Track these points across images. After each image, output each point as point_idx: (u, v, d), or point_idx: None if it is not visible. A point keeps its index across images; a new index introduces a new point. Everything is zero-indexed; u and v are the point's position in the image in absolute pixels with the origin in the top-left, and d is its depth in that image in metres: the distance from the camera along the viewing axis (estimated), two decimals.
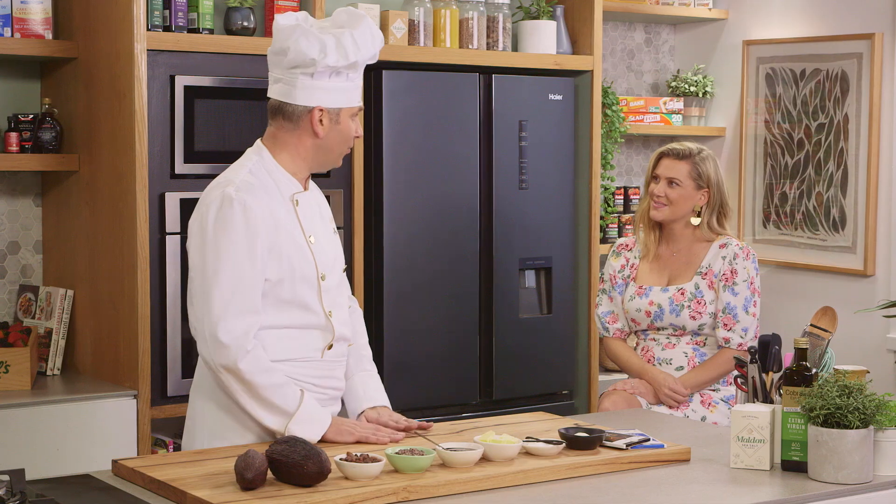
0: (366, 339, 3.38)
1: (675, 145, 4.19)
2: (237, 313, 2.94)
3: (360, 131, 3.15)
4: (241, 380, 2.96)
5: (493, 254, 4.88)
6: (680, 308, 4.08)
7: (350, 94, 3.08)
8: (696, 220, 4.15)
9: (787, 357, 3.17)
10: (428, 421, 3.23)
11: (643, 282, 4.17)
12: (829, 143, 5.37)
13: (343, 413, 3.28)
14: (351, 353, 3.27)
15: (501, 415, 3.71)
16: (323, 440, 3.01)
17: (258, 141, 3.15)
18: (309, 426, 2.98)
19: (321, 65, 3.00)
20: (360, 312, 3.39)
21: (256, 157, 3.10)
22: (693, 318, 4.07)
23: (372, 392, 3.26)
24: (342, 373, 3.21)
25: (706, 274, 4.10)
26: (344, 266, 3.25)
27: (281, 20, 3.04)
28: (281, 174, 3.08)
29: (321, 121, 3.06)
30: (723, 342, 4.07)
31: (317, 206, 3.18)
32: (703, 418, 4.04)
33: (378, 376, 3.32)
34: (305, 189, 3.14)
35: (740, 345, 4.03)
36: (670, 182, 4.13)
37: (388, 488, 2.62)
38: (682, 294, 4.09)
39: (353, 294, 3.42)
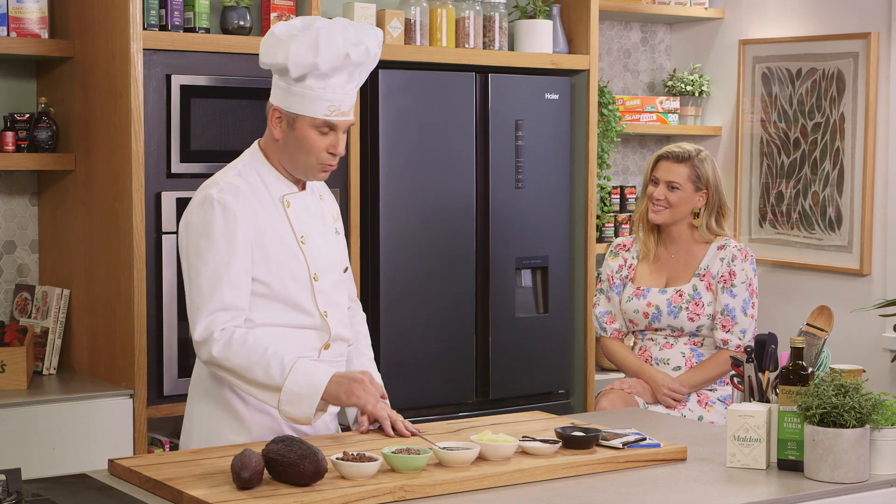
0: (368, 340, 3.37)
1: (673, 148, 4.18)
2: (212, 311, 2.95)
3: (338, 149, 3.03)
4: (223, 368, 2.97)
5: (490, 253, 4.88)
6: (678, 310, 4.08)
7: (310, 103, 2.99)
8: (696, 222, 4.15)
9: (784, 356, 3.17)
10: (424, 420, 3.22)
11: (641, 283, 4.17)
12: (825, 143, 5.37)
13: (342, 413, 3.27)
14: (352, 351, 3.27)
15: (498, 414, 3.70)
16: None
17: (256, 141, 3.15)
18: (298, 406, 2.92)
19: (262, 62, 3.02)
20: (362, 316, 3.39)
21: (248, 157, 3.11)
22: (691, 319, 4.07)
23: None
24: None
25: (704, 275, 4.10)
26: (346, 266, 3.24)
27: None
28: (271, 175, 3.08)
29: (279, 121, 3.04)
30: (721, 343, 4.07)
31: (316, 207, 3.17)
32: (700, 418, 4.04)
33: (378, 372, 3.31)
34: (301, 190, 3.13)
35: (738, 346, 4.03)
36: (670, 185, 4.12)
37: (384, 487, 2.62)
38: (681, 296, 4.09)
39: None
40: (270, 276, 3.02)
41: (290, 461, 2.61)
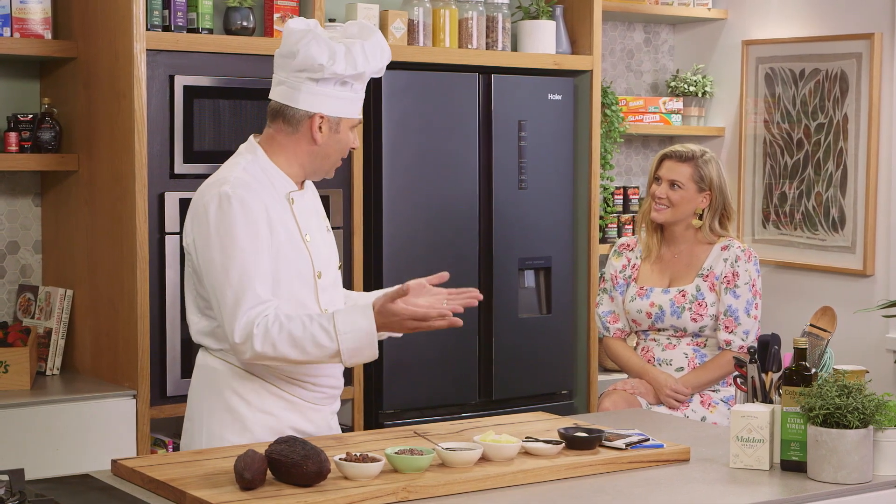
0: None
1: (678, 147, 4.18)
2: (247, 309, 2.93)
3: (357, 143, 3.14)
4: (270, 359, 2.95)
5: (493, 254, 4.88)
6: (681, 310, 4.08)
7: (352, 105, 3.08)
8: (696, 223, 4.15)
9: (787, 357, 3.17)
10: (428, 421, 3.22)
11: (644, 283, 4.17)
12: (828, 143, 5.37)
13: (343, 412, 3.27)
14: (349, 299, 3.30)
15: (501, 415, 3.70)
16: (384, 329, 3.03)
17: (251, 138, 3.14)
18: (362, 355, 2.98)
19: (328, 71, 2.99)
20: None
21: (251, 155, 3.09)
22: (694, 320, 4.07)
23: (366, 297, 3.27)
24: (341, 371, 3.21)
25: (707, 276, 4.10)
26: (339, 264, 3.25)
27: (292, 24, 3.04)
28: (275, 172, 3.08)
29: (321, 128, 3.05)
30: (724, 344, 4.07)
31: (312, 205, 3.18)
32: (703, 418, 4.04)
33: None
34: (301, 188, 3.14)
35: (741, 347, 4.03)
36: (672, 184, 4.12)
37: (387, 488, 2.62)
38: (684, 296, 4.09)
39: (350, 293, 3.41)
40: (279, 272, 3.01)
41: (294, 462, 2.61)
